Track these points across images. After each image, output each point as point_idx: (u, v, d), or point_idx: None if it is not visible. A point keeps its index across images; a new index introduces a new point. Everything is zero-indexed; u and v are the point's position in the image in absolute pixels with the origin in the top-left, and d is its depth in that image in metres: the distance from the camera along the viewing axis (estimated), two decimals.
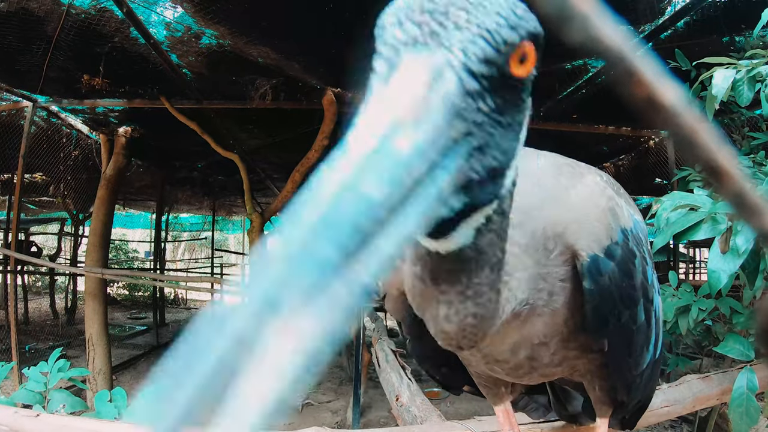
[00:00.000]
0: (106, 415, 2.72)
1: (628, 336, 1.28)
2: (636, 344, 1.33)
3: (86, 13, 4.47)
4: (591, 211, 1.17)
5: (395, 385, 3.02)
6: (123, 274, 10.82)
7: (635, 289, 1.24)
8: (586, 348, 1.30)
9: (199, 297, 19.26)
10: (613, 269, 1.16)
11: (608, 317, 1.18)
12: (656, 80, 0.31)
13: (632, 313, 1.25)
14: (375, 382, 6.84)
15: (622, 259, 1.19)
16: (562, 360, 1.32)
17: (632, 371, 1.39)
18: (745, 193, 0.32)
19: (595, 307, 1.15)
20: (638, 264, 1.25)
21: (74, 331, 11.53)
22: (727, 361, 3.26)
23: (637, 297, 1.26)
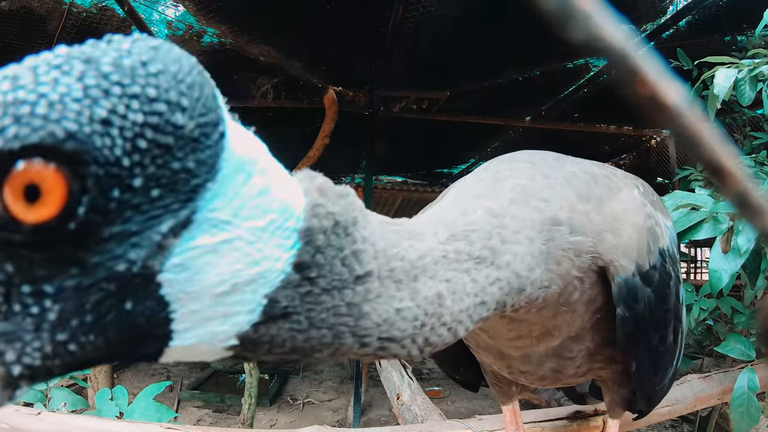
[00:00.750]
0: (107, 414, 2.73)
1: (656, 356, 1.25)
2: (662, 363, 1.31)
3: (87, 11, 4.47)
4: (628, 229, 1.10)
5: (396, 384, 3.02)
6: None
7: (669, 312, 1.21)
8: (610, 360, 1.28)
9: None
10: (649, 296, 1.11)
11: (639, 341, 1.15)
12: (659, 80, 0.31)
13: (662, 336, 1.22)
14: (376, 380, 6.84)
15: (658, 284, 1.14)
16: (586, 371, 1.31)
17: (655, 387, 1.38)
18: (748, 193, 0.32)
19: (627, 332, 1.11)
20: (673, 285, 1.21)
21: None
22: (728, 361, 3.26)
23: (669, 319, 1.23)
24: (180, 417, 6.48)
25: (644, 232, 1.13)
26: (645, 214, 1.15)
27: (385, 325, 0.64)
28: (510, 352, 1.26)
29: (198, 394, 7.96)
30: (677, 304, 1.25)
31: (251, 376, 5.71)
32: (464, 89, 5.83)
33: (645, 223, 1.14)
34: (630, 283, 1.07)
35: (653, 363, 1.26)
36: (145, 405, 2.78)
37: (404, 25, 4.39)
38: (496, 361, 1.35)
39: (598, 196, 1.10)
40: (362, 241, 0.63)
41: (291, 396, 8.31)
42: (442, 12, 4.22)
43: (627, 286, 1.07)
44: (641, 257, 1.10)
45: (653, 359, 1.25)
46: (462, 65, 5.33)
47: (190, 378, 8.79)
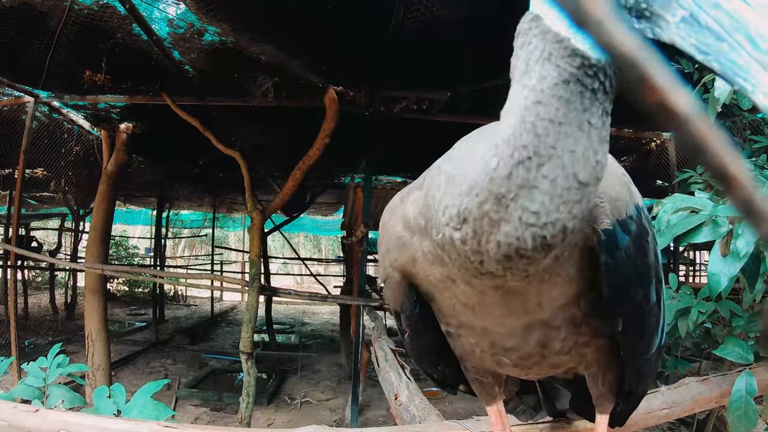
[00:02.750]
0: (105, 411, 2.72)
1: (641, 316, 1.26)
2: (648, 325, 1.31)
3: (89, 8, 4.47)
4: (611, 182, 1.12)
5: (394, 384, 3.02)
6: (123, 270, 10.82)
7: (648, 267, 1.22)
8: (596, 333, 1.29)
9: (198, 294, 19.30)
10: (629, 244, 1.13)
11: (623, 295, 1.17)
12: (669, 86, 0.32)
13: (646, 292, 1.24)
14: (373, 380, 6.84)
15: (637, 235, 1.16)
16: (571, 347, 1.30)
17: (643, 355, 1.37)
18: (753, 199, 0.32)
19: (610, 283, 1.12)
20: (650, 242, 1.23)
21: (74, 327, 11.55)
22: (725, 364, 3.27)
23: (651, 275, 1.24)
24: (177, 415, 6.47)
25: (624, 184, 1.16)
26: (622, 172, 1.19)
27: None
28: (496, 329, 1.26)
29: (195, 392, 7.96)
30: (656, 264, 1.27)
31: (249, 375, 5.71)
32: (465, 90, 5.83)
33: (623, 176, 1.18)
34: (610, 232, 1.09)
35: (639, 323, 1.27)
36: (143, 403, 2.77)
37: (405, 25, 4.40)
38: (480, 340, 1.33)
39: None
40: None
41: (288, 395, 8.31)
42: (443, 12, 4.22)
43: (608, 235, 1.09)
44: (621, 208, 1.13)
45: (639, 318, 1.26)
46: (463, 66, 5.33)
47: (188, 376, 8.79)
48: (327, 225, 20.95)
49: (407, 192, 1.29)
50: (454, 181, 1.00)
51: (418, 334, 1.50)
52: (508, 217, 0.89)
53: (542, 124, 0.83)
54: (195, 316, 15.84)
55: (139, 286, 17.81)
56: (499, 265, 0.96)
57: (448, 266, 1.11)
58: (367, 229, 7.12)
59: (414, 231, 1.22)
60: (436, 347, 1.53)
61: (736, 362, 2.44)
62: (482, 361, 1.45)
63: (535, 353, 1.31)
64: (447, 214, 0.99)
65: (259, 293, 6.01)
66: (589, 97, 0.83)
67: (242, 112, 6.57)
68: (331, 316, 16.60)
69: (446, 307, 1.30)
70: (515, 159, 0.86)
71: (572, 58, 0.82)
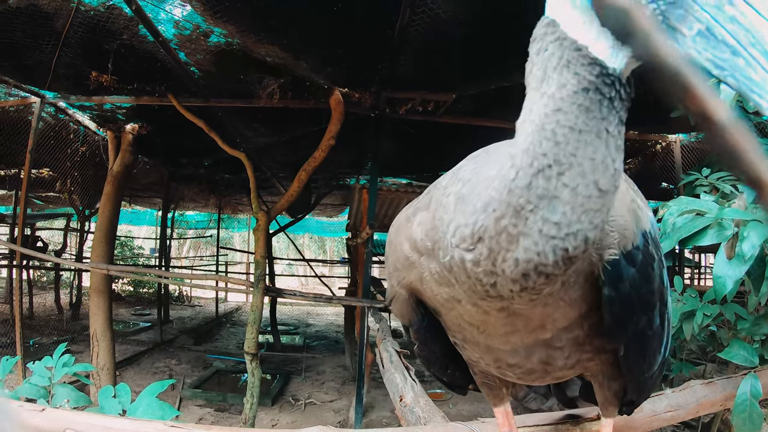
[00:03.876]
0: (110, 411, 2.73)
1: (644, 341, 1.26)
2: (650, 348, 1.31)
3: (95, 10, 4.49)
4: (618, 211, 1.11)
5: (399, 386, 3.02)
6: (128, 270, 10.84)
7: (653, 294, 1.21)
8: (599, 350, 1.29)
9: (203, 294, 19.33)
10: (633, 275, 1.12)
11: (626, 322, 1.16)
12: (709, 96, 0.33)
13: (649, 318, 1.23)
14: (377, 382, 6.85)
15: (642, 264, 1.15)
16: (575, 363, 1.31)
17: (645, 373, 1.38)
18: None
19: (613, 313, 1.12)
20: (656, 267, 1.22)
21: (78, 327, 11.59)
22: (730, 367, 3.25)
23: (654, 302, 1.23)
24: (181, 415, 6.48)
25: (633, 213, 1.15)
26: (630, 197, 1.17)
27: None
28: (500, 346, 1.26)
29: (200, 392, 7.97)
30: (662, 288, 1.26)
31: (253, 376, 5.72)
32: (470, 91, 5.83)
33: (630, 204, 1.16)
34: (614, 264, 1.08)
35: (641, 347, 1.27)
36: (148, 403, 2.77)
37: (411, 27, 4.40)
38: (484, 356, 1.34)
39: None
40: None
41: (293, 396, 8.31)
42: (448, 14, 4.23)
43: (612, 267, 1.08)
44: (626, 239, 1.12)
45: (641, 343, 1.26)
46: (468, 67, 5.34)
47: (192, 376, 8.81)
48: (332, 226, 20.97)
49: (413, 211, 1.28)
50: (465, 201, 0.99)
51: (428, 344, 1.51)
52: (527, 231, 0.88)
53: (562, 131, 0.83)
54: (200, 316, 15.87)
55: (143, 287, 17.84)
56: (515, 285, 0.95)
57: (454, 287, 1.11)
58: (372, 230, 7.12)
59: (421, 252, 1.21)
60: (445, 354, 1.54)
61: (741, 365, 2.43)
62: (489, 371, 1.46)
63: (539, 369, 1.31)
64: (458, 235, 0.98)
65: (264, 294, 6.02)
66: (606, 105, 0.83)
67: (248, 113, 6.59)
68: (335, 318, 16.61)
69: (452, 324, 1.30)
70: (535, 168, 0.85)
71: (592, 67, 0.82)
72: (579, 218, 0.87)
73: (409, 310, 1.40)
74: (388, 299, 1.46)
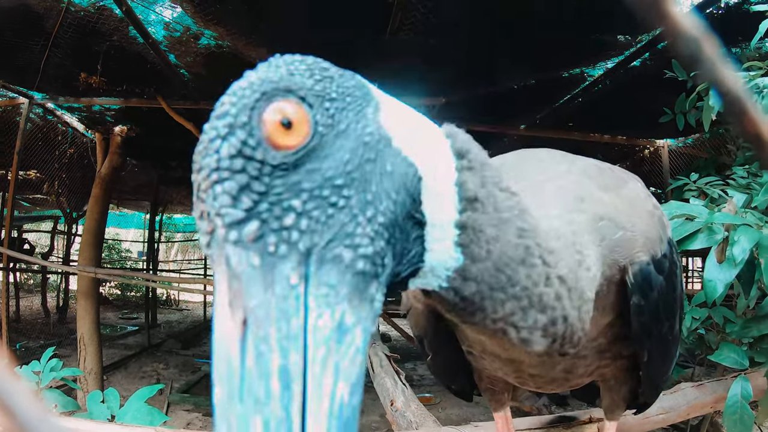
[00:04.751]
0: (98, 416, 2.71)
1: (666, 345, 1.26)
2: (671, 352, 1.32)
3: (85, 10, 4.46)
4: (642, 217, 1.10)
5: (390, 390, 3.01)
6: (116, 273, 10.76)
7: (676, 300, 1.21)
8: (617, 356, 1.28)
9: (191, 298, 19.20)
10: (661, 284, 1.11)
11: (652, 329, 1.15)
12: (764, 121, 0.36)
13: (671, 324, 1.23)
14: (367, 386, 6.80)
15: (669, 273, 1.14)
16: (594, 370, 1.31)
17: (663, 376, 1.39)
18: None
19: (642, 322, 1.10)
20: (678, 274, 1.22)
21: (65, 330, 11.48)
22: (719, 370, 3.27)
23: (677, 308, 1.23)
24: (169, 420, 6.44)
25: (656, 221, 1.13)
26: (653, 204, 1.16)
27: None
28: (523, 359, 1.24)
29: (188, 397, 7.92)
30: (681, 293, 1.27)
31: None
32: (460, 96, 5.85)
33: (655, 213, 1.15)
34: (645, 272, 1.06)
35: (663, 352, 1.27)
36: (137, 408, 2.75)
37: (402, 32, 4.41)
38: (503, 367, 1.32)
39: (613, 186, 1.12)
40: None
41: None
42: (440, 19, 4.24)
43: (642, 275, 1.06)
44: (655, 246, 1.10)
45: (663, 348, 1.25)
46: (458, 72, 5.35)
47: (180, 381, 8.75)
48: None
49: None
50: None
51: (441, 355, 1.50)
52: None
53: None
54: (187, 320, 15.77)
55: (131, 290, 17.72)
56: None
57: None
58: None
59: None
60: (456, 364, 1.53)
61: (729, 368, 2.45)
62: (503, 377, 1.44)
63: (560, 378, 1.30)
64: None
65: None
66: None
67: None
68: None
69: (471, 336, 1.28)
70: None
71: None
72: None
73: (425, 323, 1.39)
74: (403, 311, 1.45)
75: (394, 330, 7.11)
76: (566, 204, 1.01)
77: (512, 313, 0.73)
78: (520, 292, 0.73)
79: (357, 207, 0.59)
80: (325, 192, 0.58)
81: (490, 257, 0.70)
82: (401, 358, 3.87)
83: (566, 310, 0.81)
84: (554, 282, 0.78)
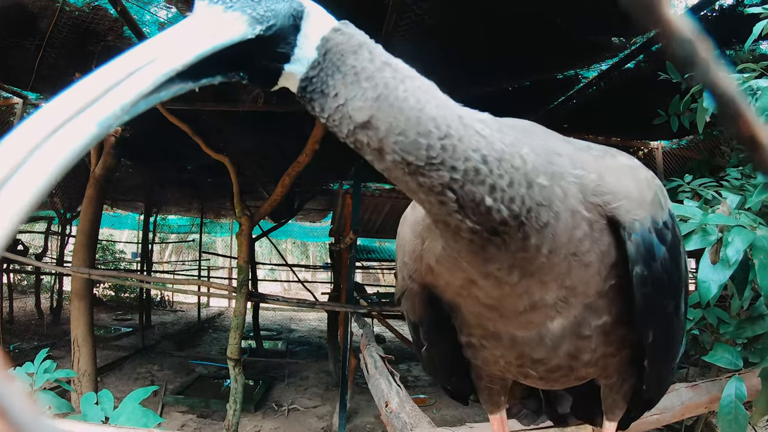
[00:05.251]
0: (92, 418, 2.70)
1: (672, 327, 1.24)
2: (677, 336, 1.30)
3: (80, 10, 4.45)
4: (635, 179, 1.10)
5: (384, 392, 3.01)
6: (110, 274, 10.72)
7: (681, 277, 1.19)
8: (623, 343, 1.26)
9: (185, 299, 19.17)
10: (664, 255, 1.10)
11: (656, 306, 1.13)
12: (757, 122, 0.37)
13: (677, 303, 1.21)
14: (361, 387, 6.83)
15: (671, 244, 1.12)
16: (599, 358, 1.28)
17: (670, 364, 1.36)
18: None
19: (645, 293, 1.09)
20: (682, 251, 1.20)
21: (59, 332, 11.44)
22: (713, 370, 3.29)
23: (681, 286, 1.21)
24: (164, 422, 6.42)
25: (653, 187, 1.12)
26: (650, 174, 1.16)
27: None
28: (522, 334, 1.21)
29: (182, 398, 7.90)
30: (686, 273, 1.25)
31: (236, 382, 5.67)
32: (454, 98, 5.85)
33: (652, 179, 1.14)
34: (647, 240, 1.06)
35: (668, 334, 1.25)
36: (131, 410, 2.75)
37: (397, 33, 4.41)
38: (506, 352, 1.29)
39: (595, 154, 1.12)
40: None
41: (276, 402, 8.27)
42: (434, 21, 4.24)
43: (644, 243, 1.06)
44: (655, 211, 1.10)
45: (668, 329, 1.23)
46: (452, 74, 5.36)
47: (175, 382, 8.73)
48: (315, 231, 20.90)
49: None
50: None
51: (436, 346, 1.48)
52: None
53: None
54: (182, 321, 15.74)
55: (125, 291, 17.67)
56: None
57: (461, 265, 1.08)
58: (356, 235, 7.12)
59: (425, 237, 1.20)
60: (452, 359, 1.51)
61: (723, 368, 2.46)
62: (504, 372, 1.42)
63: (564, 365, 1.27)
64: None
65: (247, 299, 5.99)
66: None
67: (232, 118, 6.56)
68: (318, 323, 16.55)
69: (471, 315, 1.26)
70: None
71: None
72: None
73: (421, 306, 1.36)
74: (397, 295, 1.42)
75: (388, 331, 7.12)
76: (534, 145, 1.02)
77: (354, 96, 0.90)
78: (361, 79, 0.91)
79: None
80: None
81: (337, 54, 0.93)
82: (396, 359, 3.87)
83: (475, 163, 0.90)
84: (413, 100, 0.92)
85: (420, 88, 0.94)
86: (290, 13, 0.91)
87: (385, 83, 0.90)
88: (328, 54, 0.92)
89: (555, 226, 0.99)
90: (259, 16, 0.86)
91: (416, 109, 0.90)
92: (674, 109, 4.11)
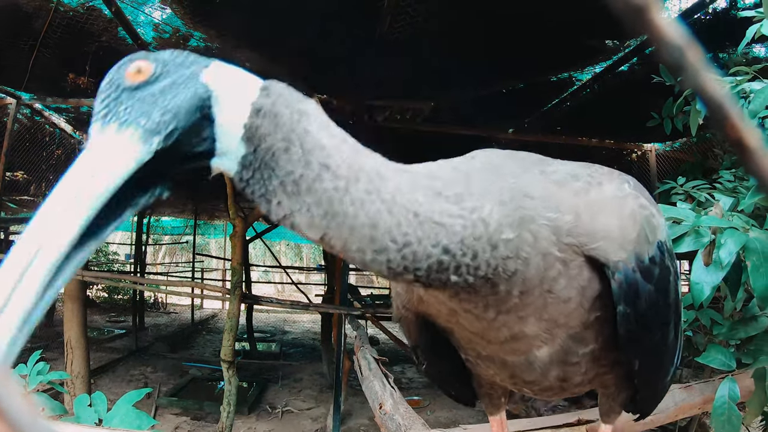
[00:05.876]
0: (86, 420, 2.69)
1: (659, 355, 1.24)
2: (665, 361, 1.30)
3: (74, 11, 4.45)
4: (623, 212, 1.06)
5: (378, 393, 3.01)
6: (103, 276, 10.70)
7: (669, 308, 1.17)
8: (615, 363, 1.26)
9: (179, 301, 19.11)
10: (650, 291, 1.07)
11: (641, 340, 1.12)
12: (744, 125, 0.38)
13: (664, 333, 1.19)
14: (355, 389, 6.82)
15: (659, 279, 1.09)
16: (593, 377, 1.29)
17: (659, 384, 1.37)
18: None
19: (629, 330, 1.07)
20: (672, 280, 1.17)
21: (52, 333, 11.37)
22: (706, 371, 3.30)
23: (670, 316, 1.19)
24: (157, 424, 6.40)
25: (639, 222, 1.07)
26: (638, 204, 1.10)
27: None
28: (511, 359, 1.21)
29: (176, 400, 7.88)
30: (677, 300, 1.22)
31: (230, 384, 5.66)
32: (448, 100, 5.87)
33: (640, 212, 1.09)
34: (630, 279, 1.03)
35: (656, 362, 1.25)
36: (125, 412, 2.74)
37: (391, 35, 4.42)
38: (499, 372, 1.30)
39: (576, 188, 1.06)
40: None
41: (270, 404, 8.26)
42: (429, 23, 4.25)
43: (627, 282, 1.03)
44: (640, 249, 1.06)
45: (656, 358, 1.23)
46: (447, 76, 5.37)
47: (168, 384, 8.70)
48: None
49: None
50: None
51: (436, 365, 1.50)
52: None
53: None
54: (175, 323, 15.69)
55: (118, 293, 17.59)
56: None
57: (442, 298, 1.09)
58: None
59: None
60: (453, 371, 1.53)
61: (717, 369, 2.47)
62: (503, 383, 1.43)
63: (556, 386, 1.28)
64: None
65: (240, 301, 5.97)
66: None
67: None
68: (312, 325, 16.53)
69: (463, 339, 1.27)
70: None
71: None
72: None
73: (417, 332, 1.38)
74: (395, 320, 1.45)
75: (382, 333, 7.11)
76: (488, 170, 1.01)
77: (299, 210, 0.85)
78: (286, 178, 0.85)
79: (159, 100, 0.85)
80: (148, 97, 0.86)
81: (266, 151, 0.86)
82: (390, 361, 3.87)
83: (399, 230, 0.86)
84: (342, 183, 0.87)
85: (369, 193, 0.86)
86: (195, 104, 0.85)
87: (329, 198, 0.84)
88: (257, 151, 0.85)
89: (524, 271, 0.97)
90: (155, 124, 0.81)
91: (369, 226, 0.85)
92: (667, 111, 4.13)
